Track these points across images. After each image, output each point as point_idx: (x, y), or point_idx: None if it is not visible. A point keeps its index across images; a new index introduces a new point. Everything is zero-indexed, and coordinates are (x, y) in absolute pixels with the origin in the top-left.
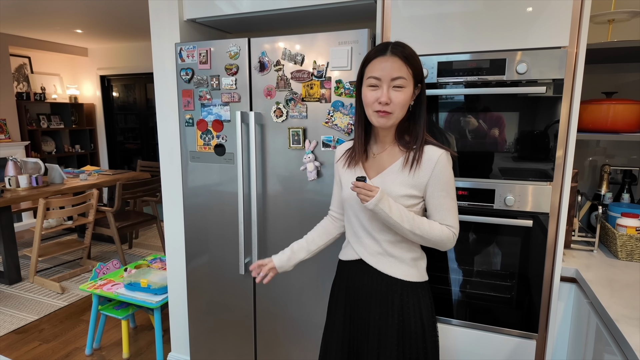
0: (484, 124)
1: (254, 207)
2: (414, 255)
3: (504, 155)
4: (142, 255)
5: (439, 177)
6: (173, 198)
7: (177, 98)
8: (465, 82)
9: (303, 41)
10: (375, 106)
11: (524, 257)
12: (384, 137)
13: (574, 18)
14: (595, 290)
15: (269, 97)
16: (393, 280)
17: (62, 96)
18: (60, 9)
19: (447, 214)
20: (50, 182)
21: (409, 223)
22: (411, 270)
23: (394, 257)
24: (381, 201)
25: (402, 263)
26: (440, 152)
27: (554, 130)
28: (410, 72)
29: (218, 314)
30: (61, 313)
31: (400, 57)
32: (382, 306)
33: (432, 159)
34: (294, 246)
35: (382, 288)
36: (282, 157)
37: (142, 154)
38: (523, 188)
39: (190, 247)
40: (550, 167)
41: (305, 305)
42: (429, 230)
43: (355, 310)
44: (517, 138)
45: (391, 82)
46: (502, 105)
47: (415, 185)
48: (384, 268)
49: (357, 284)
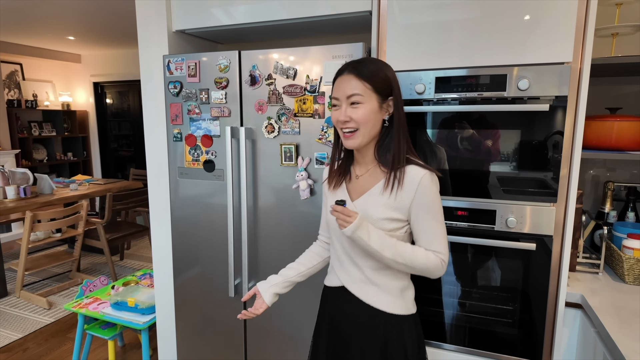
0: (483, 142)
1: (244, 227)
2: (400, 284)
3: (504, 175)
4: (133, 267)
5: (422, 199)
6: (160, 215)
7: (165, 112)
8: (465, 99)
9: (296, 54)
10: (339, 125)
11: (527, 280)
12: (363, 157)
13: (577, 32)
14: (604, 319)
15: (261, 112)
16: (376, 311)
17: (55, 103)
18: (51, 16)
19: (432, 239)
20: (40, 192)
21: (390, 251)
22: (397, 301)
23: (378, 285)
24: (359, 228)
25: (386, 293)
26: (423, 172)
27: (557, 148)
28: (367, 86)
29: (207, 334)
30: (47, 330)
31: (354, 74)
32: (364, 338)
33: (415, 180)
34: (282, 271)
35: (364, 319)
36: (273, 174)
37: (135, 161)
38: (525, 209)
39: (178, 265)
40: (553, 187)
41: (298, 323)
42: (413, 257)
43: (337, 341)
44: (518, 157)
45: (347, 100)
46: (503, 123)
47: (398, 208)
48: (367, 297)
49: (339, 312)
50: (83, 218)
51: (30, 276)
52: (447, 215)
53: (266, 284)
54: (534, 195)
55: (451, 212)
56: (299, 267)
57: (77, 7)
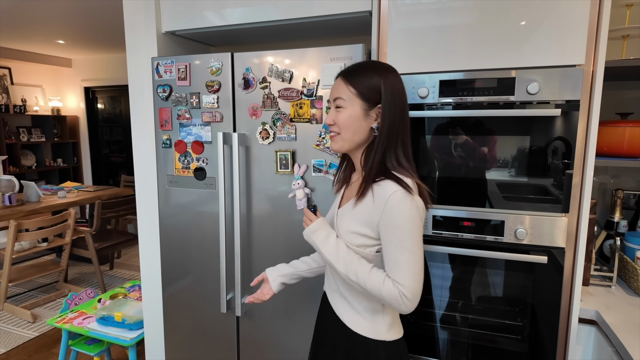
0: (489, 149)
1: (237, 238)
2: (370, 306)
3: (513, 183)
4: (123, 277)
5: (387, 220)
6: (149, 225)
7: (154, 117)
8: (471, 103)
9: (292, 57)
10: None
11: (537, 294)
12: (355, 164)
13: (590, 33)
14: (623, 339)
15: (254, 117)
16: (343, 325)
17: (44, 108)
18: (40, 19)
19: (395, 267)
20: (26, 200)
21: (344, 265)
22: (363, 322)
23: (347, 300)
24: (315, 233)
25: (354, 310)
26: (394, 189)
27: (568, 155)
28: (352, 91)
29: (198, 349)
30: (31, 345)
31: (342, 77)
32: (332, 350)
33: (384, 196)
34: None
35: (333, 330)
36: (268, 182)
37: (127, 167)
38: (535, 220)
39: (167, 278)
40: (565, 196)
41: (294, 337)
42: (366, 279)
43: (316, 345)
44: (527, 164)
45: (333, 102)
46: (511, 129)
47: (367, 224)
48: (337, 308)
49: (320, 316)
50: (71, 227)
51: (15, 287)
52: (452, 226)
53: (275, 272)
54: (544, 204)
55: (456, 223)
56: (311, 263)
57: (66, 10)
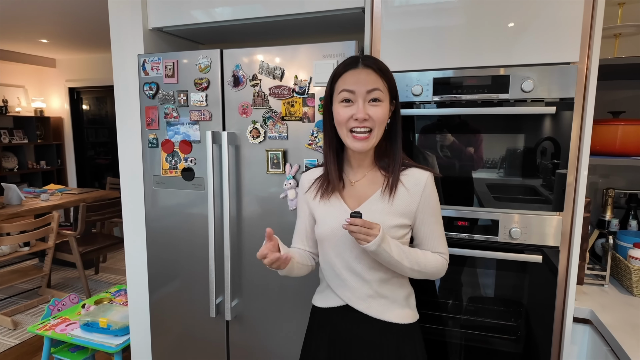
0: (482, 147)
1: (226, 241)
2: (406, 293)
3: (506, 182)
4: (109, 282)
5: (427, 202)
6: (135, 229)
7: (140, 116)
8: (464, 101)
9: (283, 54)
10: (351, 123)
11: (531, 294)
12: (361, 161)
13: (584, 31)
14: (619, 337)
15: (245, 116)
16: (387, 325)
17: (27, 109)
18: (23, 18)
19: (438, 241)
20: (7, 203)
21: (408, 259)
22: (405, 310)
23: (386, 297)
24: (384, 241)
25: (394, 304)
26: (426, 174)
27: (562, 154)
28: (385, 85)
29: (187, 355)
30: (11, 354)
31: (375, 69)
32: (376, 357)
33: (420, 182)
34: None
35: (374, 337)
36: (259, 183)
37: (113, 169)
38: (530, 219)
39: (154, 282)
40: (559, 195)
41: (284, 342)
42: (426, 262)
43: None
44: (521, 163)
45: (367, 95)
46: (505, 127)
47: (405, 214)
48: (377, 313)
49: (343, 334)
50: (54, 230)
51: None
52: (447, 226)
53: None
54: (539, 204)
55: (451, 223)
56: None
57: (50, 8)
